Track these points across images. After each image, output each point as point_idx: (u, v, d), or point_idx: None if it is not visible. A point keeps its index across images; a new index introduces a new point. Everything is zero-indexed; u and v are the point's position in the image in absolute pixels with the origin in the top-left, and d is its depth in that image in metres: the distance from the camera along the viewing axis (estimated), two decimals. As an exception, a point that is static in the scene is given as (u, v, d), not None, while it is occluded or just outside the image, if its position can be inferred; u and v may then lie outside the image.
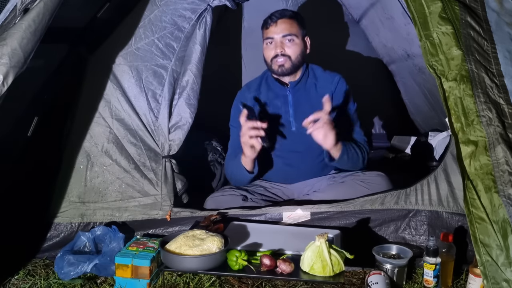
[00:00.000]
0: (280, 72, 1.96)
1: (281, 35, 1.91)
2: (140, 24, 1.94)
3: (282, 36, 1.91)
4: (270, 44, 1.95)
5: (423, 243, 1.70)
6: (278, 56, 1.92)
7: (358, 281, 1.60)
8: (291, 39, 1.92)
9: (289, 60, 1.93)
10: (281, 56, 1.92)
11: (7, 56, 1.34)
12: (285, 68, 1.94)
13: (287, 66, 1.94)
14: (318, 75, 2.04)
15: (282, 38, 1.92)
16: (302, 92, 2.00)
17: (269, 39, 1.94)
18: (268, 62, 1.98)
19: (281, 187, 2.08)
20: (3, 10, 1.57)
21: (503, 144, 1.32)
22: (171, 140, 1.94)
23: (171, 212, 1.87)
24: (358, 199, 1.78)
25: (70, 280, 1.61)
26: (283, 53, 1.92)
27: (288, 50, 1.92)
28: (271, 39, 1.94)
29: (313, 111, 1.96)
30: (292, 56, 1.93)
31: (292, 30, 1.92)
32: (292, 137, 2.01)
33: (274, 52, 1.93)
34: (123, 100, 1.92)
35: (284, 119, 2.01)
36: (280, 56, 1.92)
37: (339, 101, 2.00)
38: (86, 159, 1.91)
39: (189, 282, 1.60)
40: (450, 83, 1.43)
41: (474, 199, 1.31)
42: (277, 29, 1.91)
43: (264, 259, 1.46)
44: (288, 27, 1.92)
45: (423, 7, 1.51)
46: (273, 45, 1.94)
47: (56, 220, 1.88)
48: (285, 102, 2.01)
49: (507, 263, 1.23)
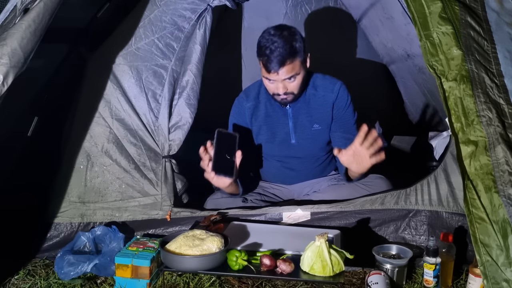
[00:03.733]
0: (283, 103, 1.89)
1: (282, 78, 1.77)
2: (140, 24, 1.93)
3: (283, 79, 1.78)
4: (271, 82, 1.82)
5: (423, 243, 1.70)
6: (280, 94, 1.83)
7: (358, 281, 1.60)
8: (293, 79, 1.80)
9: (292, 95, 1.84)
10: (283, 94, 1.82)
11: (7, 56, 1.34)
12: (288, 101, 1.87)
13: (290, 99, 1.86)
14: (317, 84, 1.95)
15: (284, 80, 1.79)
16: (302, 104, 1.94)
17: (268, 79, 1.81)
18: (270, 93, 1.89)
19: (281, 188, 2.08)
20: (3, 10, 1.57)
21: (503, 144, 1.32)
22: (171, 140, 1.94)
23: (171, 212, 1.87)
24: (358, 199, 1.78)
25: (70, 280, 1.61)
26: (286, 92, 1.82)
27: (290, 87, 1.81)
28: (272, 80, 1.80)
29: (313, 122, 1.94)
30: (295, 91, 1.83)
31: (294, 71, 1.76)
32: (291, 149, 1.99)
33: (276, 91, 1.82)
34: (123, 100, 1.92)
35: (284, 131, 1.97)
36: (282, 94, 1.82)
37: (339, 110, 1.94)
38: (86, 159, 1.91)
39: (189, 282, 1.60)
40: (450, 83, 1.43)
41: (474, 199, 1.31)
42: (278, 76, 1.76)
43: (264, 259, 1.46)
44: (289, 70, 1.75)
45: (423, 7, 1.51)
46: (275, 85, 1.81)
47: (56, 220, 1.88)
48: (284, 115, 1.96)
49: (507, 263, 1.23)
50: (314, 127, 1.95)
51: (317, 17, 3.10)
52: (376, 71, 3.22)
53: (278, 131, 1.98)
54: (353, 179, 1.90)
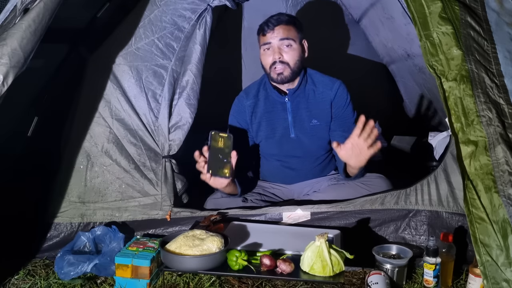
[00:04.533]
0: (280, 80, 1.91)
1: (278, 38, 1.87)
2: (140, 24, 1.94)
3: (280, 40, 1.87)
4: (268, 50, 1.89)
5: (423, 243, 1.70)
6: (276, 63, 1.87)
7: (358, 281, 1.60)
8: (288, 44, 1.87)
9: (288, 67, 1.88)
10: (279, 63, 1.87)
11: (7, 56, 1.34)
12: (284, 76, 1.89)
13: (286, 74, 1.89)
14: (316, 80, 1.99)
15: (280, 42, 1.87)
16: (301, 99, 1.97)
17: (266, 45, 1.89)
18: (267, 69, 1.93)
19: (281, 188, 2.08)
20: (3, 10, 1.57)
21: (503, 144, 1.32)
22: (171, 140, 1.94)
23: (171, 212, 1.87)
24: (358, 199, 1.78)
25: (70, 280, 1.61)
26: (282, 60, 1.87)
27: (286, 56, 1.87)
28: (268, 45, 1.88)
29: (312, 118, 1.96)
30: (290, 63, 1.88)
31: (290, 35, 1.87)
32: (291, 144, 2.00)
33: (272, 59, 1.88)
34: (123, 100, 1.92)
35: (283, 126, 1.99)
36: (278, 63, 1.87)
37: (338, 109, 1.96)
38: (86, 159, 1.91)
39: (189, 282, 1.60)
40: (450, 83, 1.43)
41: (474, 199, 1.31)
42: (274, 35, 1.87)
43: (264, 259, 1.46)
44: (285, 32, 1.87)
45: (423, 7, 1.51)
46: (271, 51, 1.88)
47: (56, 220, 1.88)
48: (283, 109, 1.98)
49: (507, 263, 1.23)
50: (313, 122, 1.96)
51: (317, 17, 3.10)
52: (376, 71, 3.23)
53: (278, 126, 1.99)
54: (352, 176, 1.90)
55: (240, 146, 1.77)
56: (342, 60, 3.16)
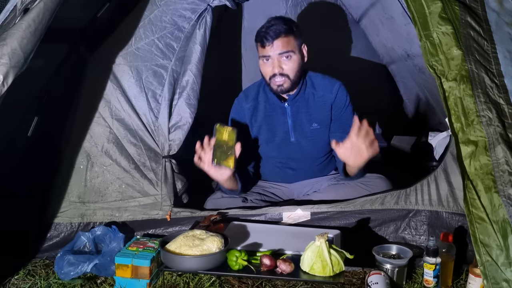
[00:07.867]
0: (279, 91, 1.90)
1: (277, 52, 1.81)
2: (140, 24, 1.94)
3: (279, 54, 1.82)
4: (267, 61, 1.85)
5: (423, 243, 1.70)
6: (276, 75, 1.84)
7: (358, 281, 1.60)
8: (288, 55, 1.83)
9: (288, 79, 1.85)
10: (279, 75, 1.84)
11: (7, 56, 1.34)
12: (284, 87, 1.87)
13: (286, 85, 1.87)
14: (316, 83, 1.97)
15: (279, 55, 1.82)
16: (301, 103, 1.95)
17: (265, 57, 1.85)
18: (266, 79, 1.90)
19: (281, 187, 2.08)
20: (3, 10, 1.57)
21: (503, 144, 1.32)
22: (171, 140, 1.94)
23: (171, 212, 1.87)
24: (358, 199, 1.78)
25: (70, 280, 1.61)
26: (282, 73, 1.84)
27: (286, 68, 1.84)
28: (267, 57, 1.84)
29: (312, 121, 1.96)
30: (290, 75, 1.85)
31: (289, 47, 1.82)
32: (291, 147, 1.99)
33: (272, 71, 1.84)
34: (123, 100, 1.93)
35: (283, 130, 1.98)
36: (278, 75, 1.84)
37: (338, 111, 1.95)
38: (86, 159, 1.91)
39: (189, 282, 1.60)
40: (450, 83, 1.43)
41: (474, 199, 1.31)
42: (273, 48, 1.81)
43: (264, 259, 1.46)
44: (284, 44, 1.81)
45: (423, 7, 1.51)
46: (270, 63, 1.84)
47: (56, 220, 1.88)
48: (283, 113, 1.97)
49: (507, 263, 1.23)
50: (313, 126, 1.96)
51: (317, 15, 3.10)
52: (376, 71, 3.23)
53: (278, 130, 1.98)
54: (351, 175, 1.90)
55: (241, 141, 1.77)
56: (342, 60, 3.16)
